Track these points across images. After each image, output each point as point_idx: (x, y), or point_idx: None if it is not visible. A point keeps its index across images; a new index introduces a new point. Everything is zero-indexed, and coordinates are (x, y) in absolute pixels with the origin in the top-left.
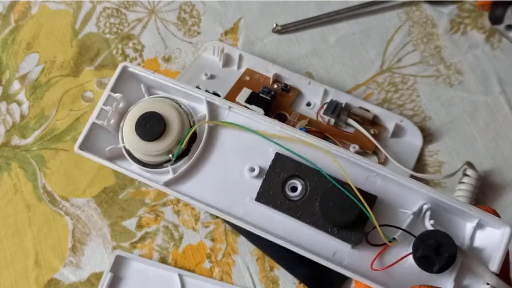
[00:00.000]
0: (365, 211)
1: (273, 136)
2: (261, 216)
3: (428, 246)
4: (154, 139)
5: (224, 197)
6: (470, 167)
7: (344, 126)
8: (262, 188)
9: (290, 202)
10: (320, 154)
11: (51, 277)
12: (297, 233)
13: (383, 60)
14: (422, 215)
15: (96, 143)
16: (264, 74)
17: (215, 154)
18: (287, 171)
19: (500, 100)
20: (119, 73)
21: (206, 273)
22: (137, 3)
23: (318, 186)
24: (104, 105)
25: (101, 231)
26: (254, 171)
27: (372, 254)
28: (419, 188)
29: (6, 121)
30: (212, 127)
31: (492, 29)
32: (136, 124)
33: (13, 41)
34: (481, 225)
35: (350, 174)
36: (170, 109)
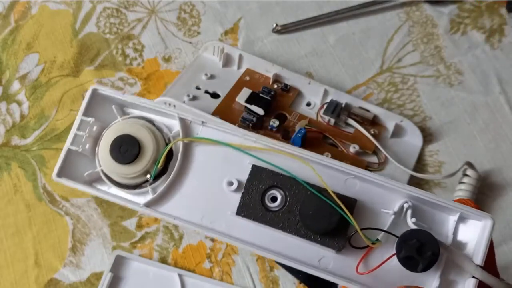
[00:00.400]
0: (346, 216)
1: (249, 148)
2: (243, 229)
3: (411, 246)
4: (130, 161)
5: (205, 213)
6: (470, 167)
7: (344, 126)
8: (242, 202)
9: (271, 213)
10: (297, 163)
11: (51, 277)
12: (281, 243)
13: (383, 60)
14: (403, 214)
15: (74, 169)
16: (264, 74)
17: (192, 171)
18: (265, 182)
19: (500, 100)
20: (89, 97)
21: (206, 273)
22: (137, 3)
23: (297, 194)
24: (78, 131)
25: (101, 231)
26: (232, 185)
27: (357, 256)
28: (398, 187)
29: (6, 121)
30: (188, 143)
31: (492, 29)
32: (110, 148)
33: (13, 41)
34: (463, 219)
35: (328, 179)
36: (143, 130)
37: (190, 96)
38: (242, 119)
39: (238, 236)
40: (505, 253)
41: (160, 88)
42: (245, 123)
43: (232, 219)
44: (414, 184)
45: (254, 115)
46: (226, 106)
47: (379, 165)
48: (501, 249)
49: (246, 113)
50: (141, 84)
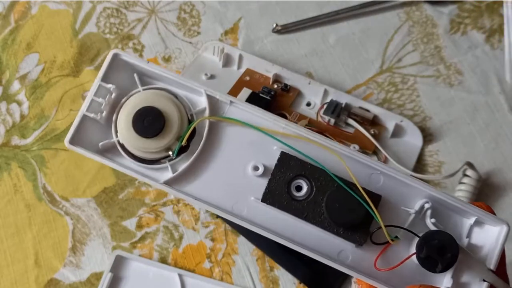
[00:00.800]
0: (372, 213)
1: (277, 134)
2: (265, 216)
3: (432, 247)
4: (153, 136)
5: (227, 197)
6: (470, 168)
7: (344, 126)
8: (268, 189)
9: (296, 202)
10: (324, 153)
11: (51, 277)
12: (302, 233)
13: (383, 60)
14: (423, 213)
15: (87, 137)
16: (264, 74)
17: (216, 152)
18: (293, 171)
19: (500, 100)
20: (109, 61)
21: (206, 273)
22: (137, 3)
23: (324, 185)
24: (95, 96)
25: (101, 231)
26: (258, 170)
27: (374, 252)
28: (420, 186)
29: (6, 121)
30: (213, 122)
31: (492, 29)
32: (133, 120)
33: (13, 41)
34: (479, 223)
35: (354, 172)
36: (168, 104)
37: None
38: None
39: (259, 223)
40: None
41: None
42: None
43: (254, 204)
44: None
45: None
46: None
47: None
48: None
49: None
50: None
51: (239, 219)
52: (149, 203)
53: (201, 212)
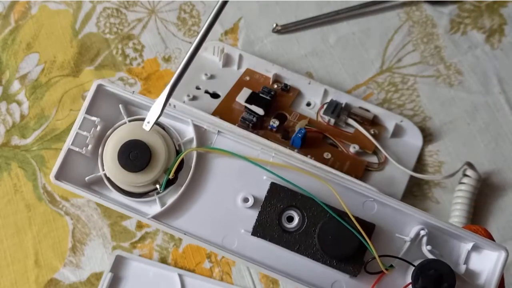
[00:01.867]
0: (366, 243)
1: (267, 163)
2: (256, 248)
3: (428, 277)
4: (140, 170)
5: (217, 230)
6: (470, 168)
7: (344, 126)
8: (258, 222)
9: (287, 234)
10: (316, 182)
11: (51, 277)
12: (295, 265)
13: (383, 60)
14: (418, 240)
15: (74, 171)
16: (264, 74)
17: (205, 184)
18: (283, 202)
19: (500, 100)
20: (93, 93)
21: (206, 273)
22: (137, 3)
23: (316, 216)
24: (80, 130)
25: (101, 231)
26: (248, 202)
27: (369, 281)
28: (415, 213)
29: (6, 121)
30: (201, 153)
31: (492, 29)
32: (118, 153)
33: (13, 41)
34: (476, 248)
35: (346, 200)
36: (155, 136)
37: (190, 96)
38: (242, 119)
39: (250, 256)
40: None
41: (160, 88)
42: (245, 123)
43: (245, 237)
44: (414, 184)
45: (254, 115)
46: (226, 106)
47: (379, 165)
48: None
49: (246, 113)
50: (141, 84)
51: (229, 253)
52: None
53: None
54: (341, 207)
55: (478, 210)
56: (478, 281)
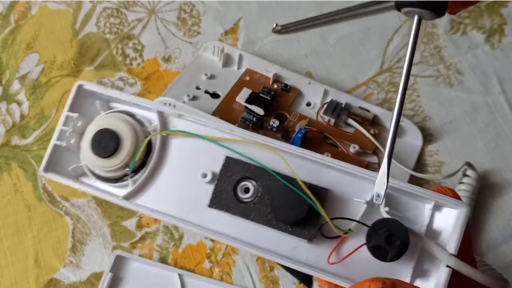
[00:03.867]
0: (314, 205)
1: (224, 140)
2: (218, 221)
3: (380, 236)
4: (109, 155)
5: (182, 206)
6: (470, 168)
7: (344, 126)
8: (215, 193)
9: (243, 204)
10: (272, 154)
11: (51, 277)
12: (254, 234)
13: (383, 60)
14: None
15: (61, 164)
16: (264, 74)
17: (168, 163)
18: (238, 173)
19: (500, 100)
20: (74, 93)
21: (206, 273)
22: (137, 3)
23: (269, 185)
24: (63, 126)
25: (101, 231)
26: (206, 177)
27: (331, 247)
28: (371, 176)
29: (6, 121)
30: (165, 136)
31: (492, 29)
32: (91, 142)
33: (13, 41)
34: (438, 207)
35: (302, 170)
36: (122, 124)
37: (190, 96)
38: (242, 119)
39: (213, 228)
40: (505, 253)
41: (160, 88)
42: (245, 123)
43: (207, 211)
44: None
45: (254, 115)
46: (226, 106)
47: (379, 165)
48: (501, 249)
49: (246, 113)
50: (141, 84)
51: (193, 226)
52: None
53: None
54: (293, 175)
55: (478, 209)
56: (440, 239)
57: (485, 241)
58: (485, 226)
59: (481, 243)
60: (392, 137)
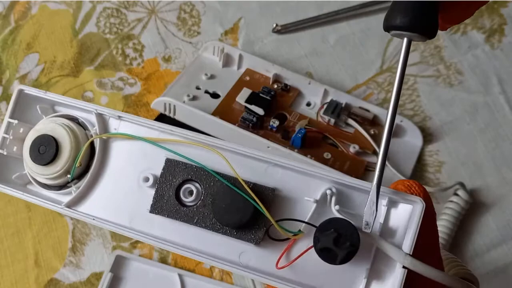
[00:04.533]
0: (258, 207)
1: (165, 141)
2: (162, 227)
3: (327, 237)
4: (48, 162)
5: (124, 212)
6: (462, 188)
7: (344, 126)
8: (155, 199)
9: (186, 208)
10: (214, 155)
11: (51, 277)
12: (200, 240)
13: (383, 60)
14: (328, 201)
15: (5, 173)
16: (264, 74)
17: (110, 168)
18: (179, 176)
19: (500, 100)
20: (15, 98)
21: (206, 273)
22: (137, 3)
23: (212, 187)
24: (5, 134)
25: (101, 231)
26: (148, 181)
27: (280, 250)
28: (321, 173)
29: None
30: (105, 140)
31: (492, 29)
32: (30, 149)
33: (13, 41)
34: (393, 203)
35: (247, 169)
36: (60, 129)
37: (190, 96)
38: (242, 119)
39: (157, 235)
40: (505, 253)
41: (160, 88)
42: (245, 123)
43: (149, 217)
44: None
45: (254, 115)
46: (226, 106)
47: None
48: (501, 249)
49: (246, 113)
50: (141, 84)
51: (136, 234)
52: None
53: None
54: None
55: (478, 209)
56: (396, 238)
57: (485, 241)
58: (485, 226)
59: (481, 243)
60: (380, 166)
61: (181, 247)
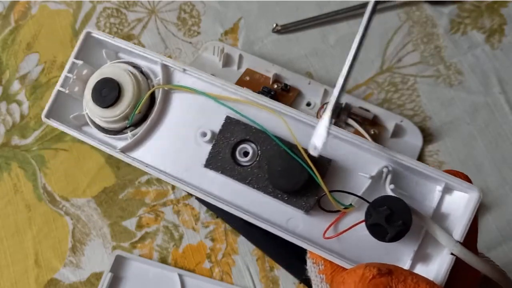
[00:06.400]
0: (313, 175)
1: (227, 99)
2: (214, 182)
3: (380, 213)
4: (109, 105)
5: (178, 164)
6: None
7: (344, 126)
8: (211, 154)
9: (240, 167)
10: (275, 118)
11: (51, 277)
12: (249, 200)
13: (383, 60)
14: (383, 179)
15: (63, 112)
16: (264, 74)
17: (169, 119)
18: (237, 135)
19: (500, 100)
20: (82, 40)
21: (206, 273)
22: (137, 3)
23: (269, 150)
24: (68, 73)
25: (101, 231)
26: (206, 136)
27: (328, 221)
28: (380, 150)
29: (6, 121)
30: (168, 91)
31: (492, 29)
32: (92, 91)
33: (13, 41)
34: (448, 190)
35: (306, 137)
36: (124, 74)
37: None
38: None
39: (208, 190)
40: (505, 253)
41: None
42: None
43: (203, 172)
44: None
45: None
46: None
47: None
48: (501, 249)
49: None
50: None
51: (186, 186)
52: (149, 203)
53: (201, 212)
54: (295, 141)
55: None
56: (447, 224)
57: (485, 241)
58: (485, 226)
59: (481, 243)
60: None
61: (230, 204)
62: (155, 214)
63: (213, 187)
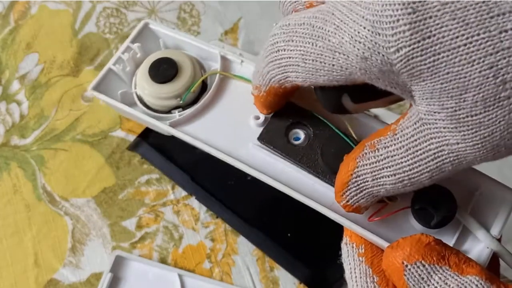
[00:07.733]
0: None
1: None
2: (262, 161)
3: (427, 198)
4: (166, 81)
5: (228, 141)
6: None
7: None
8: (266, 129)
9: (292, 146)
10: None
11: (50, 277)
12: (297, 180)
13: None
14: None
15: (110, 88)
16: None
17: (222, 102)
18: (293, 117)
19: None
20: (139, 29)
21: (206, 273)
22: (137, 3)
23: (322, 134)
24: (122, 54)
25: (101, 231)
26: (259, 119)
27: (373, 209)
28: None
29: (5, 121)
30: (223, 79)
31: None
32: (150, 67)
33: (12, 41)
34: (488, 188)
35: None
36: (184, 56)
37: None
38: None
39: (257, 167)
40: None
41: None
42: None
43: (253, 151)
44: None
45: None
46: None
47: None
48: None
49: None
50: None
51: (238, 162)
52: (149, 203)
53: (201, 212)
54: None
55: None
56: (486, 220)
57: None
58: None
59: None
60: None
61: (279, 182)
62: (155, 214)
63: (262, 165)
